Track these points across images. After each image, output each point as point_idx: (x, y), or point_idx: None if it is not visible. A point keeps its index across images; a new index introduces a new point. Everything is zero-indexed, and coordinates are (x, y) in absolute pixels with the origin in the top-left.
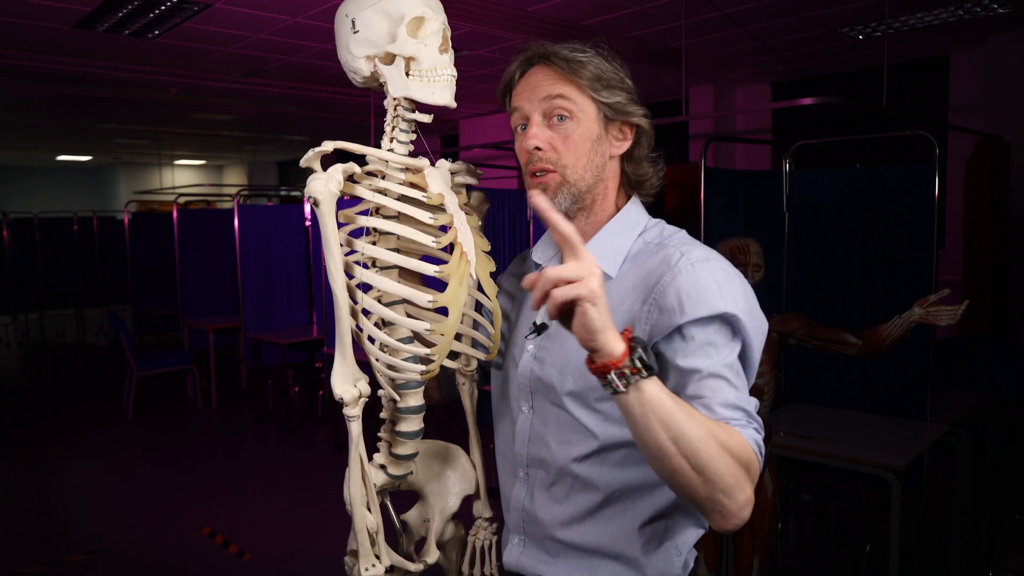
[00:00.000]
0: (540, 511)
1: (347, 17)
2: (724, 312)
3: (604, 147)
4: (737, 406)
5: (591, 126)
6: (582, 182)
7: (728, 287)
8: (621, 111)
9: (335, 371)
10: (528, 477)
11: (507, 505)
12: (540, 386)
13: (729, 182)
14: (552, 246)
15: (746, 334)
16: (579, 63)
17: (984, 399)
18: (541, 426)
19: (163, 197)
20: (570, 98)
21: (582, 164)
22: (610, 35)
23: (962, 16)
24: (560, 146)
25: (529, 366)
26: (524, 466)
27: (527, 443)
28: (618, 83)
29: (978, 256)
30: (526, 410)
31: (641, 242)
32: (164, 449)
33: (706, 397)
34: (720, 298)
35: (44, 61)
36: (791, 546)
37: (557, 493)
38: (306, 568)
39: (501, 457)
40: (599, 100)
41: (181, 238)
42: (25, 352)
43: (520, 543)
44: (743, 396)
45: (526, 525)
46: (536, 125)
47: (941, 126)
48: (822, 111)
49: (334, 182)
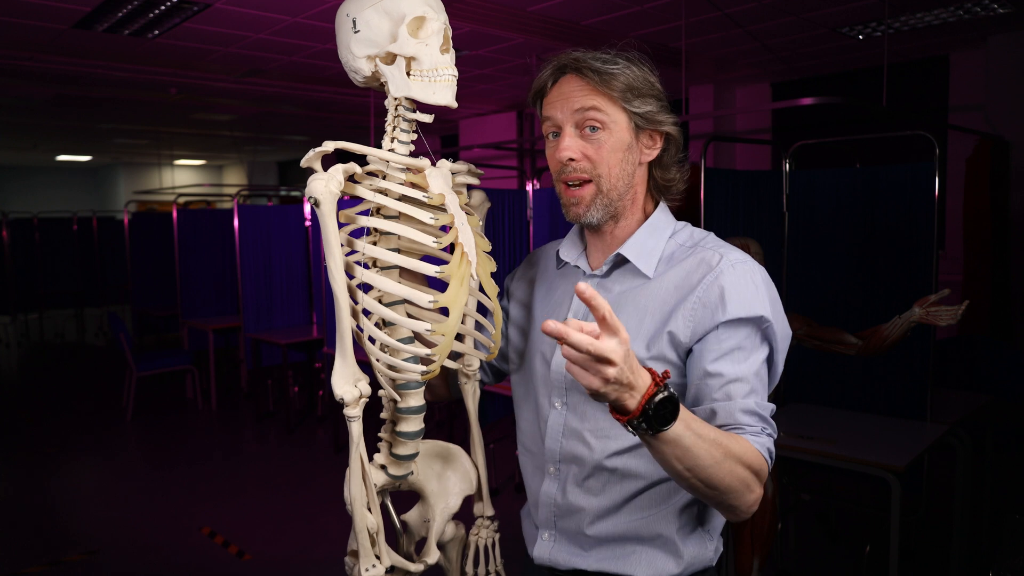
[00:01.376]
0: (573, 505)
1: (348, 17)
2: (760, 315)
3: (634, 155)
4: (755, 412)
5: (623, 135)
6: (614, 191)
7: (765, 291)
8: (652, 120)
9: (335, 371)
10: (559, 472)
11: (535, 501)
12: (575, 383)
13: (729, 182)
14: (576, 246)
15: (774, 339)
16: (611, 75)
17: (984, 399)
18: (576, 422)
19: (163, 197)
20: (602, 110)
21: (615, 173)
22: (610, 35)
23: (962, 16)
24: (593, 156)
25: (564, 363)
26: (556, 461)
27: (560, 439)
28: (648, 91)
29: (978, 256)
30: (559, 406)
31: (673, 244)
32: (164, 449)
33: (727, 401)
34: (758, 301)
35: (44, 61)
36: (791, 546)
37: (592, 486)
38: (306, 568)
39: (527, 454)
40: (630, 110)
41: (181, 238)
42: (25, 352)
43: (551, 538)
44: (762, 402)
45: (557, 520)
46: (569, 136)
47: (941, 126)
48: (822, 111)
49: (335, 182)
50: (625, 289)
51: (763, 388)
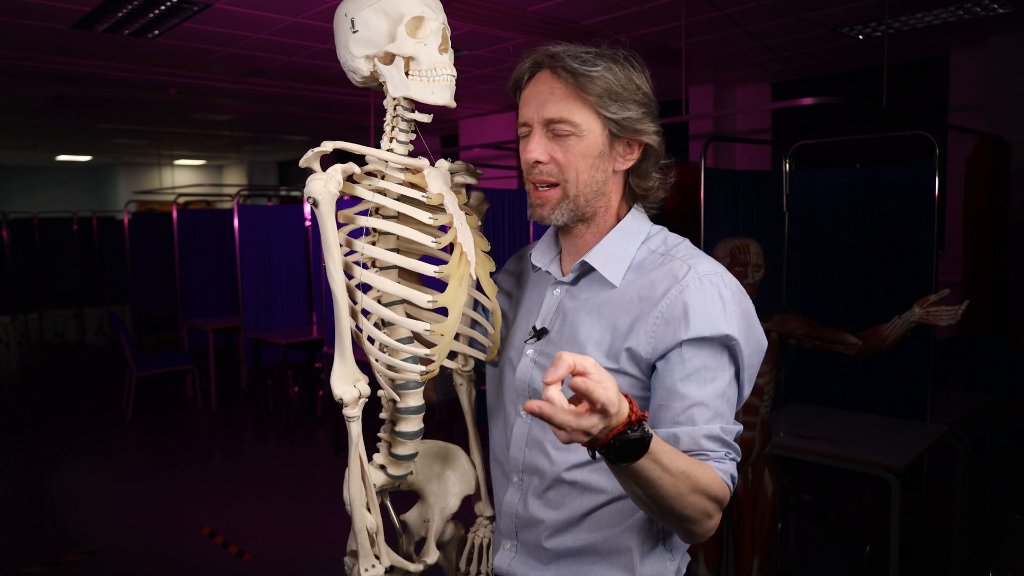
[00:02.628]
0: (533, 517)
1: (346, 17)
2: (726, 334)
3: (607, 162)
4: (718, 438)
5: (595, 141)
6: (581, 197)
7: (732, 306)
8: (629, 128)
9: (335, 371)
10: (522, 483)
11: (499, 510)
12: (537, 392)
13: (729, 182)
14: (551, 249)
15: (741, 359)
16: (588, 77)
17: (984, 399)
18: (539, 432)
19: (163, 197)
20: (571, 120)
21: (583, 179)
22: (610, 36)
23: (962, 16)
24: (561, 160)
25: (529, 371)
26: (519, 471)
27: (523, 448)
28: (630, 96)
29: (978, 256)
30: (524, 415)
31: (645, 250)
32: (164, 449)
33: (690, 426)
34: (724, 319)
35: (44, 61)
36: (791, 546)
37: (552, 498)
38: (306, 568)
39: (495, 461)
40: (606, 116)
41: (181, 238)
42: (25, 352)
43: (512, 548)
44: (727, 426)
45: (519, 531)
46: (537, 137)
47: (941, 126)
48: (822, 111)
49: (333, 182)
50: (591, 297)
51: (729, 409)
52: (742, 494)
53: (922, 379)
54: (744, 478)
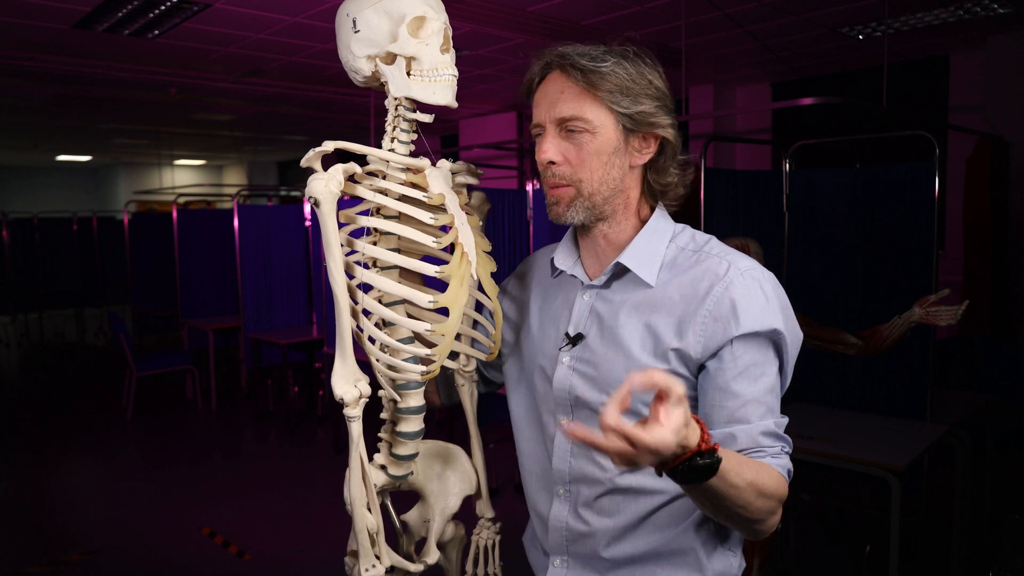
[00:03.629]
0: (587, 528)
1: (348, 16)
2: (773, 328)
3: (623, 158)
4: (773, 433)
5: (609, 137)
6: (598, 195)
7: (775, 300)
8: (644, 122)
9: (335, 371)
10: (570, 494)
11: (544, 526)
12: (579, 400)
13: (729, 182)
14: (572, 253)
15: (787, 351)
16: (598, 74)
17: (984, 399)
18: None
19: (163, 197)
20: (583, 117)
21: (597, 177)
22: (610, 35)
23: (962, 16)
24: (574, 159)
25: (568, 379)
26: (565, 483)
27: (568, 458)
28: (643, 90)
29: (978, 256)
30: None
31: (675, 247)
32: (164, 449)
33: (746, 424)
34: (770, 312)
35: (44, 61)
36: (791, 546)
37: (606, 506)
38: (306, 568)
39: (531, 476)
40: (619, 111)
41: (181, 238)
42: (25, 352)
43: (563, 564)
44: (779, 420)
45: (569, 544)
46: (550, 138)
47: (941, 126)
48: (822, 111)
49: (335, 182)
50: (627, 299)
51: (778, 403)
52: None
53: (922, 379)
54: None
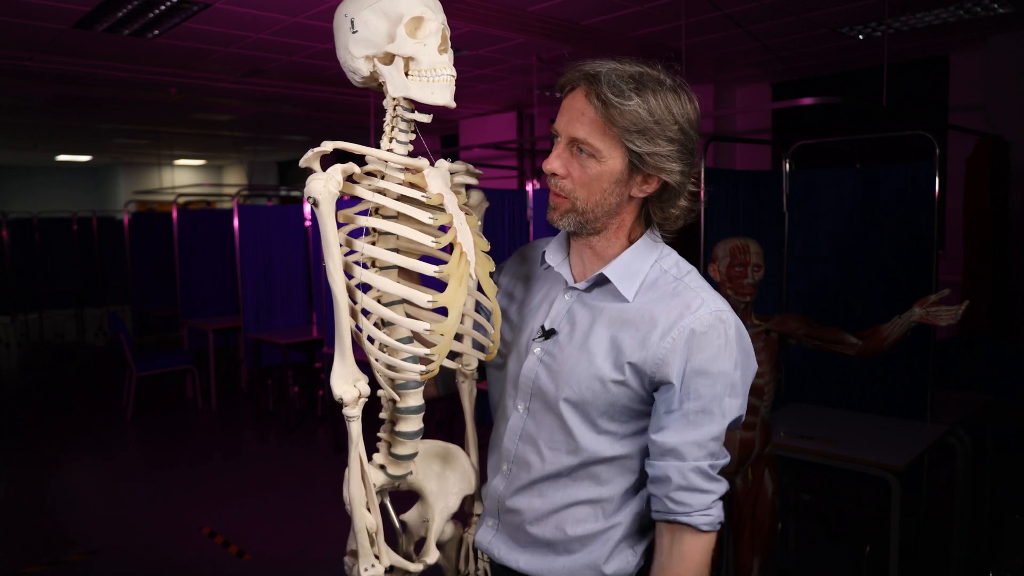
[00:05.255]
0: (516, 504)
1: (346, 17)
2: (730, 375)
3: (623, 188)
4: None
5: (613, 168)
6: (591, 214)
7: (734, 344)
8: (651, 164)
9: (335, 371)
10: (511, 472)
11: (486, 492)
12: (539, 390)
13: (729, 182)
14: (562, 250)
15: (737, 391)
16: (618, 110)
17: (984, 399)
18: (534, 428)
19: (163, 197)
20: (594, 145)
21: (594, 200)
22: (610, 35)
23: (962, 16)
24: (576, 177)
25: (534, 369)
26: (510, 461)
27: (516, 441)
28: (663, 132)
29: (978, 256)
30: (521, 409)
31: (658, 269)
32: (164, 449)
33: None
34: (728, 357)
35: (44, 61)
36: (791, 546)
37: (537, 492)
38: (306, 568)
39: (493, 447)
40: (630, 148)
41: (181, 238)
42: (25, 352)
43: (494, 526)
44: (715, 462)
45: (501, 513)
46: (560, 150)
47: (941, 126)
48: (822, 111)
49: (333, 182)
50: (604, 307)
51: (719, 447)
52: (742, 494)
53: (922, 379)
54: (744, 478)
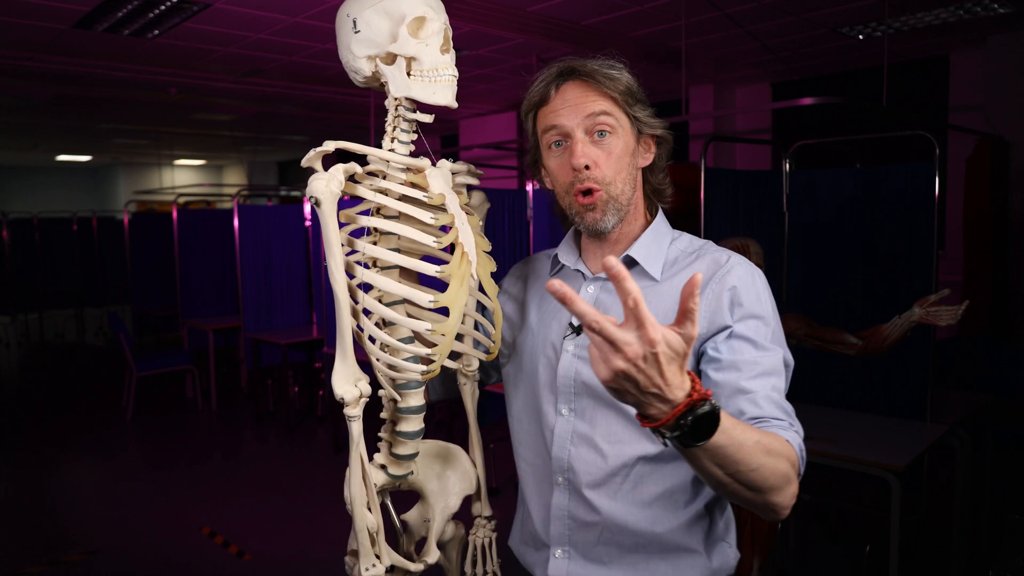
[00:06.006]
0: (589, 516)
1: (348, 17)
2: (771, 320)
3: (637, 159)
4: (783, 407)
5: (628, 140)
6: (623, 196)
7: (767, 293)
8: (648, 125)
9: (336, 371)
10: (570, 482)
11: (544, 515)
12: (584, 386)
13: (729, 182)
14: (574, 251)
15: (782, 340)
16: (614, 79)
17: (984, 399)
18: (586, 428)
19: (163, 197)
20: (611, 114)
21: (622, 178)
22: (610, 35)
23: (962, 16)
24: (603, 162)
25: (572, 367)
26: (564, 471)
27: (568, 446)
28: (641, 96)
29: (978, 256)
30: (566, 412)
31: (675, 249)
32: (164, 449)
33: (757, 393)
34: (768, 301)
35: (44, 61)
36: (791, 546)
37: (607, 494)
38: (306, 568)
39: (529, 467)
40: (632, 115)
41: (181, 238)
42: (25, 352)
43: (564, 555)
44: (785, 404)
45: (571, 533)
46: (581, 142)
47: (941, 126)
48: (822, 111)
49: (335, 182)
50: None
51: (781, 384)
52: None
53: (922, 379)
54: None
